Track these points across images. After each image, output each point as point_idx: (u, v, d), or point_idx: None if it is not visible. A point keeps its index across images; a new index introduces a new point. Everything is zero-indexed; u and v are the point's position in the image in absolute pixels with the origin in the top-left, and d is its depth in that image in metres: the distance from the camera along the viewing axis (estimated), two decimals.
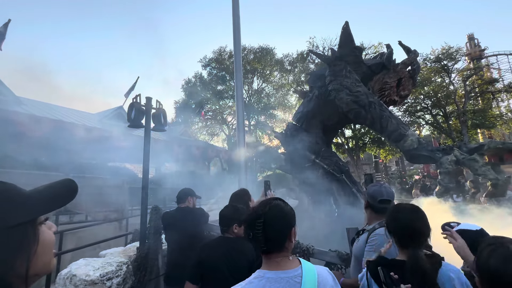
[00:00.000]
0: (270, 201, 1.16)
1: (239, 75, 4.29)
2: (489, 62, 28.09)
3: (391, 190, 1.78)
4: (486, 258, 0.92)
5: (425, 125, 18.62)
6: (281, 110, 22.97)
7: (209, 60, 23.00)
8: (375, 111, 3.39)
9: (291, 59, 21.24)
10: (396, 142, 3.13)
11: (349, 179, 3.96)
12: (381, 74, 4.24)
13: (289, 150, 4.82)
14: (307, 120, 4.89)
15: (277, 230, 1.07)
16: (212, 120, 24.11)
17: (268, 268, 1.05)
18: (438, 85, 16.83)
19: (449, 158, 2.54)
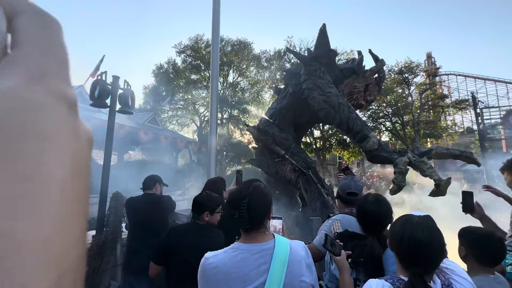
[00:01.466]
0: (252, 182, 1.21)
1: (215, 65, 4.20)
2: (441, 80, 31.40)
3: (359, 184, 1.99)
4: (394, 224, 1.14)
5: (385, 131, 20.24)
6: (255, 106, 23.05)
7: (185, 47, 22.08)
8: (343, 112, 3.58)
9: (268, 56, 21.35)
10: (359, 142, 3.36)
11: (315, 175, 4.15)
12: (351, 79, 4.49)
13: (260, 145, 4.88)
14: (280, 116, 4.99)
15: (260, 209, 1.15)
16: (183, 110, 23.29)
17: (244, 242, 1.13)
18: (399, 95, 18.39)
19: (403, 159, 2.81)
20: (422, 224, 1.04)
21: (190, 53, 21.90)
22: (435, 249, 0.99)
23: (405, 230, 1.05)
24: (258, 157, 5.03)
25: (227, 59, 21.35)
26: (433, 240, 0.99)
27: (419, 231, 1.02)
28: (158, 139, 12.67)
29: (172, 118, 23.88)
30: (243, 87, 23.21)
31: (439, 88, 25.58)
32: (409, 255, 1.03)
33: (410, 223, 1.06)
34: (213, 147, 4.10)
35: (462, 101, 19.87)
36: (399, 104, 17.96)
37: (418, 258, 1.00)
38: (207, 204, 1.86)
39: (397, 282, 1.01)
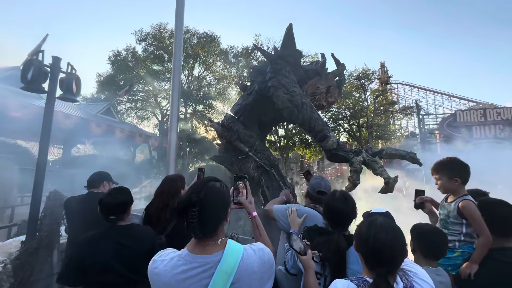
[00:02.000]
0: (204, 183, 1.07)
1: (178, 55, 3.94)
2: (392, 88, 34.77)
3: (329, 184, 2.06)
4: (360, 226, 1.16)
5: (344, 132, 21.68)
6: (221, 102, 22.66)
7: (146, 35, 20.59)
8: (306, 111, 3.67)
9: (235, 52, 21.11)
10: (320, 141, 3.48)
11: (277, 173, 4.20)
12: (314, 80, 4.62)
13: (224, 141, 4.76)
14: (245, 113, 4.92)
15: (214, 216, 1.03)
16: (143, 102, 21.78)
17: (192, 250, 1.02)
18: (356, 99, 19.84)
19: (358, 159, 2.98)
20: (386, 226, 1.07)
21: (152, 42, 20.53)
22: (399, 250, 1.02)
23: (370, 232, 1.07)
24: (222, 154, 4.91)
25: (193, 51, 20.55)
26: (396, 242, 1.03)
27: (383, 233, 1.04)
28: (113, 132, 11.61)
29: (130, 110, 22.17)
30: (209, 82, 22.62)
31: (389, 95, 28.30)
32: (374, 256, 1.05)
33: (375, 225, 1.08)
34: (174, 142, 3.86)
35: (408, 108, 22.31)
36: (356, 108, 19.41)
37: (382, 259, 1.02)
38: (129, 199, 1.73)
39: (362, 283, 1.02)
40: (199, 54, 20.78)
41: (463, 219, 1.65)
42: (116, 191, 1.75)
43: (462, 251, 1.66)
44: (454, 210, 1.69)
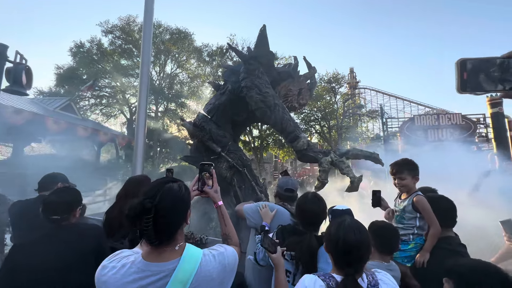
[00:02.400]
0: (160, 186, 0.97)
1: (147, 48, 3.75)
2: (360, 92, 36.92)
3: (295, 182, 2.16)
4: (329, 227, 1.21)
5: (315, 133, 22.47)
6: (194, 101, 22.11)
7: (113, 27, 19.35)
8: (278, 113, 3.73)
9: (210, 51, 20.76)
10: (291, 142, 3.56)
11: (250, 173, 4.20)
12: (287, 82, 4.72)
13: (196, 141, 4.65)
14: (218, 113, 4.85)
15: (171, 221, 0.95)
16: (110, 98, 20.43)
17: (146, 257, 0.94)
18: (327, 102, 20.69)
19: (327, 159, 3.11)
20: (354, 227, 1.12)
21: (120, 35, 19.35)
22: (365, 249, 1.08)
23: (339, 233, 1.11)
24: (193, 154, 4.79)
25: (165, 47, 19.78)
26: (363, 242, 1.08)
27: (351, 233, 1.09)
28: (73, 130, 10.69)
29: (95, 107, 20.66)
30: (182, 79, 21.96)
31: (357, 99, 30.01)
32: (343, 257, 1.09)
33: (343, 227, 1.12)
34: (141, 141, 3.66)
35: (373, 111, 23.85)
36: (326, 110, 20.24)
37: (351, 259, 1.07)
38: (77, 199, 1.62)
39: (328, 279, 1.07)
40: (171, 50, 20.06)
41: (417, 212, 1.82)
42: (62, 189, 1.62)
43: (416, 242, 1.82)
44: (409, 205, 1.85)
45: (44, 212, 1.51)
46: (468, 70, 0.64)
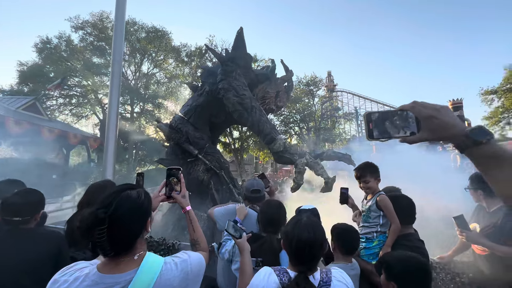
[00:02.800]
0: (116, 194, 0.91)
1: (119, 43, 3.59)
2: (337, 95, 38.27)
3: (260, 182, 2.21)
4: (286, 225, 1.26)
5: (294, 135, 22.91)
6: (172, 101, 21.54)
7: (84, 23, 18.32)
8: (255, 115, 3.75)
9: (189, 51, 20.38)
10: (268, 144, 3.59)
11: (227, 176, 4.18)
12: (264, 84, 4.77)
13: (172, 143, 4.53)
14: (195, 114, 4.77)
15: (129, 231, 0.90)
16: (80, 98, 19.27)
17: (101, 268, 0.89)
18: (306, 104, 21.19)
19: (302, 161, 3.17)
20: (308, 225, 1.16)
21: (92, 32, 18.36)
22: (317, 247, 1.13)
23: (294, 231, 1.15)
24: (169, 157, 4.65)
25: (141, 46, 19.10)
26: (317, 240, 1.13)
27: (305, 232, 1.13)
28: (38, 131, 9.93)
29: (63, 107, 19.37)
30: (159, 79, 21.32)
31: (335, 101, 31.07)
32: (296, 253, 1.13)
33: (299, 225, 1.17)
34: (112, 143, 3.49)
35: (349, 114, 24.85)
36: (305, 112, 20.74)
37: (303, 257, 1.12)
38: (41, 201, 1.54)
39: (282, 274, 1.11)
40: (147, 49, 19.41)
41: (381, 211, 1.92)
42: (26, 191, 1.51)
43: (379, 240, 1.92)
44: (373, 205, 1.95)
45: (4, 213, 1.40)
46: (373, 121, 0.74)
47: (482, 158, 0.64)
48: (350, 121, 25.13)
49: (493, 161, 0.62)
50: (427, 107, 0.68)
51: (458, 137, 0.66)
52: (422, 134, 0.68)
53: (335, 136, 23.43)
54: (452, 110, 7.31)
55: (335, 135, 23.45)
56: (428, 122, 0.67)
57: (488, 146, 0.63)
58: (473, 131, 0.64)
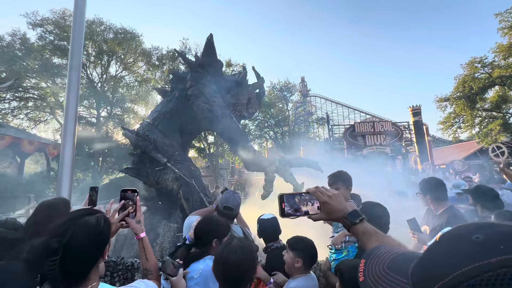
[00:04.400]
0: (72, 220, 0.85)
1: (78, 37, 3.34)
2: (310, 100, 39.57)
3: (238, 201, 2.07)
4: (220, 247, 1.25)
5: (269, 139, 23.18)
6: (143, 106, 20.64)
7: (43, 20, 16.93)
8: (225, 122, 3.72)
9: (160, 54, 19.75)
10: (238, 151, 3.58)
11: (198, 184, 4.07)
12: (236, 91, 4.77)
13: (139, 151, 4.32)
14: (164, 121, 4.62)
15: (83, 260, 0.84)
16: (37, 101, 17.66)
17: None
18: (280, 109, 21.59)
19: (272, 168, 3.21)
20: (237, 248, 1.14)
21: (53, 30, 17.02)
22: (246, 269, 1.11)
23: (223, 253, 1.14)
24: (136, 165, 4.43)
25: (108, 47, 18.10)
26: (244, 261, 1.11)
27: (232, 254, 1.12)
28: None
29: (18, 110, 17.58)
30: (129, 83, 20.34)
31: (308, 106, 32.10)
32: (223, 276, 1.11)
33: (228, 248, 1.15)
34: (69, 151, 3.22)
35: (321, 118, 25.80)
36: (279, 117, 21.11)
37: (229, 279, 1.09)
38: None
39: None
40: (115, 51, 18.45)
41: None
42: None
43: (348, 250, 1.97)
44: None
45: None
46: (285, 201, 0.88)
47: (358, 234, 0.81)
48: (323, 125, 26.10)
49: (366, 236, 0.79)
50: (324, 194, 0.86)
51: (342, 219, 0.85)
52: (321, 214, 0.87)
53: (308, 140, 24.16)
54: (412, 116, 7.94)
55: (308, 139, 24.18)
56: (324, 206, 0.86)
57: (360, 225, 0.81)
58: (350, 214, 0.83)
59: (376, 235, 0.78)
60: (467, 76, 17.47)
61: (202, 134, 18.27)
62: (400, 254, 0.54)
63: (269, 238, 1.93)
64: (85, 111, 19.31)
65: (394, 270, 0.49)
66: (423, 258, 0.44)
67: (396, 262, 0.52)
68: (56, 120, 18.49)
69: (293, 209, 0.87)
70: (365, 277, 0.53)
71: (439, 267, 0.38)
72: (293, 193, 0.90)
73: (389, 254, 0.55)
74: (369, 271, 0.53)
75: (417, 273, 0.43)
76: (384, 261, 0.53)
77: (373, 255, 0.57)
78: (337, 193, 0.88)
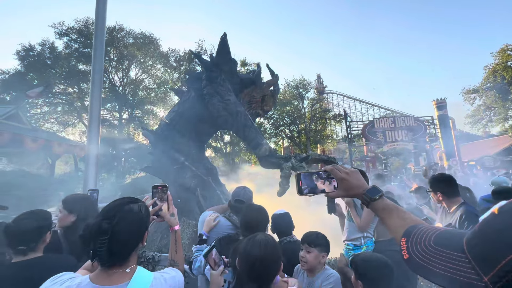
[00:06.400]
0: (119, 206, 0.96)
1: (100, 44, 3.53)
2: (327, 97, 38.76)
3: (249, 194, 2.11)
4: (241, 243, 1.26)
5: (285, 137, 23.03)
6: (161, 107, 21.32)
7: (69, 29, 17.98)
8: (240, 120, 3.74)
9: (177, 56, 20.27)
10: (254, 149, 3.59)
11: (215, 181, 4.14)
12: (250, 89, 4.77)
13: (158, 151, 4.47)
14: (181, 121, 4.73)
15: (127, 243, 0.94)
16: (66, 105, 18.82)
17: (95, 279, 0.91)
18: (295, 107, 21.37)
19: (288, 164, 3.18)
20: (261, 242, 1.15)
21: (77, 38, 18.02)
22: (269, 264, 1.11)
23: (247, 247, 1.15)
24: (155, 164, 4.59)
25: (128, 52, 18.87)
26: (267, 256, 1.11)
27: (256, 248, 1.13)
28: (21, 141, 9.60)
29: (48, 115, 18.85)
30: (148, 85, 21.08)
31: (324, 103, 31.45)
32: (247, 270, 1.12)
33: (252, 242, 1.16)
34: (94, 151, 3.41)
35: (338, 115, 25.18)
36: (295, 115, 20.90)
37: (254, 273, 1.10)
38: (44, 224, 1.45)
39: None
40: (135, 55, 19.19)
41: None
42: (26, 215, 1.42)
43: (367, 245, 1.94)
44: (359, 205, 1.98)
45: (8, 243, 1.33)
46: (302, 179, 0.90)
47: (378, 210, 0.81)
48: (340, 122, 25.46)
49: (386, 212, 0.78)
50: (341, 171, 0.88)
51: (360, 195, 0.86)
52: (339, 191, 0.89)
53: (325, 137, 23.67)
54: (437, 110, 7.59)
55: (325, 136, 23.69)
56: (341, 183, 0.88)
57: (380, 201, 0.81)
58: (369, 190, 0.84)
59: (397, 211, 0.76)
60: (498, 65, 16.25)
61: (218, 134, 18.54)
62: (444, 230, 0.55)
63: (282, 233, 1.97)
64: (108, 114, 20.28)
65: (444, 245, 0.49)
66: (483, 232, 0.44)
67: (443, 238, 0.52)
68: (82, 123, 19.60)
69: (310, 187, 0.88)
70: (410, 255, 0.53)
71: (508, 239, 0.38)
72: (310, 172, 0.91)
73: (432, 231, 0.55)
74: (414, 248, 0.53)
75: (478, 246, 0.43)
76: (429, 238, 0.53)
77: (414, 233, 0.57)
78: (354, 170, 0.88)
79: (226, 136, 20.68)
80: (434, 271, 0.47)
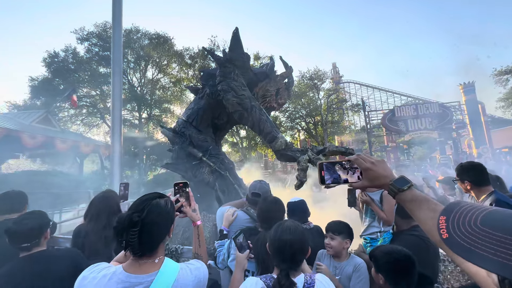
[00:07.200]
0: (148, 201, 1.03)
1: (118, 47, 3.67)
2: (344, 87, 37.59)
3: (265, 187, 2.13)
4: (271, 229, 1.31)
5: (301, 130, 22.72)
6: (178, 105, 21.81)
7: (89, 34, 18.76)
8: (255, 114, 3.75)
9: (192, 54, 20.52)
10: (269, 142, 3.59)
11: (232, 176, 4.20)
12: (264, 82, 4.75)
13: (177, 147, 4.61)
14: (197, 117, 4.82)
15: (155, 234, 1.02)
16: (90, 107, 19.81)
17: (127, 268, 0.99)
18: (310, 99, 20.95)
19: (304, 157, 3.16)
20: (290, 227, 1.23)
21: (97, 42, 18.78)
22: (297, 247, 1.18)
23: (277, 232, 1.23)
24: (174, 161, 4.73)
25: (144, 53, 19.38)
26: (296, 240, 1.19)
27: (286, 233, 1.20)
28: (52, 143, 10.30)
29: (74, 117, 19.98)
30: (164, 84, 21.60)
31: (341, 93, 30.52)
32: (278, 254, 1.19)
33: (281, 228, 1.24)
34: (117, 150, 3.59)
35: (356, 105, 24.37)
36: (311, 106, 20.50)
37: (284, 255, 1.17)
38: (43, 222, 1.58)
39: (269, 280, 1.15)
40: (151, 56, 19.69)
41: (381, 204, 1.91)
42: (25, 216, 1.58)
43: (384, 238, 1.90)
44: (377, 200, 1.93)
45: (11, 242, 1.47)
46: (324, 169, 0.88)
47: (406, 202, 0.77)
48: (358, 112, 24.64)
49: (415, 204, 0.74)
50: (366, 161, 0.85)
51: (387, 185, 0.81)
52: (364, 181, 0.85)
53: (342, 128, 23.06)
54: (464, 94, 7.19)
55: (342, 128, 23.09)
56: (366, 172, 0.84)
57: (409, 192, 0.76)
58: (396, 181, 0.80)
59: (427, 202, 0.71)
60: None
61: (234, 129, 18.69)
62: (494, 210, 0.49)
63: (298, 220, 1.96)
64: (129, 114, 21.11)
65: (494, 227, 0.44)
66: None
67: (493, 219, 0.46)
68: (105, 124, 20.58)
69: (332, 178, 0.87)
70: (450, 234, 0.49)
71: None
72: (333, 161, 0.90)
73: (479, 210, 0.50)
74: (456, 228, 0.49)
75: None
76: (475, 217, 0.48)
77: (456, 211, 0.52)
78: (381, 160, 0.86)
79: (242, 131, 20.80)
80: (481, 254, 0.42)
